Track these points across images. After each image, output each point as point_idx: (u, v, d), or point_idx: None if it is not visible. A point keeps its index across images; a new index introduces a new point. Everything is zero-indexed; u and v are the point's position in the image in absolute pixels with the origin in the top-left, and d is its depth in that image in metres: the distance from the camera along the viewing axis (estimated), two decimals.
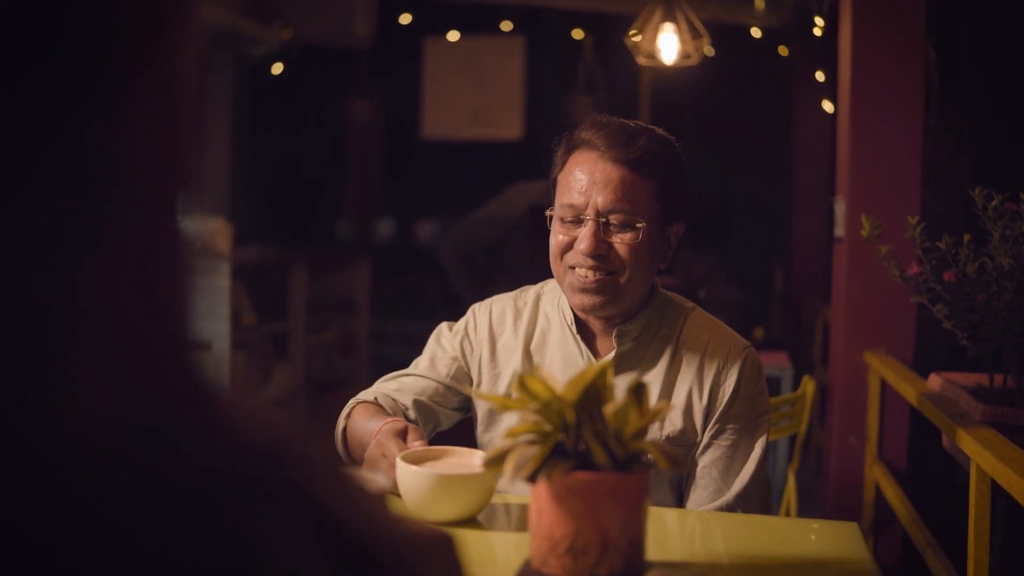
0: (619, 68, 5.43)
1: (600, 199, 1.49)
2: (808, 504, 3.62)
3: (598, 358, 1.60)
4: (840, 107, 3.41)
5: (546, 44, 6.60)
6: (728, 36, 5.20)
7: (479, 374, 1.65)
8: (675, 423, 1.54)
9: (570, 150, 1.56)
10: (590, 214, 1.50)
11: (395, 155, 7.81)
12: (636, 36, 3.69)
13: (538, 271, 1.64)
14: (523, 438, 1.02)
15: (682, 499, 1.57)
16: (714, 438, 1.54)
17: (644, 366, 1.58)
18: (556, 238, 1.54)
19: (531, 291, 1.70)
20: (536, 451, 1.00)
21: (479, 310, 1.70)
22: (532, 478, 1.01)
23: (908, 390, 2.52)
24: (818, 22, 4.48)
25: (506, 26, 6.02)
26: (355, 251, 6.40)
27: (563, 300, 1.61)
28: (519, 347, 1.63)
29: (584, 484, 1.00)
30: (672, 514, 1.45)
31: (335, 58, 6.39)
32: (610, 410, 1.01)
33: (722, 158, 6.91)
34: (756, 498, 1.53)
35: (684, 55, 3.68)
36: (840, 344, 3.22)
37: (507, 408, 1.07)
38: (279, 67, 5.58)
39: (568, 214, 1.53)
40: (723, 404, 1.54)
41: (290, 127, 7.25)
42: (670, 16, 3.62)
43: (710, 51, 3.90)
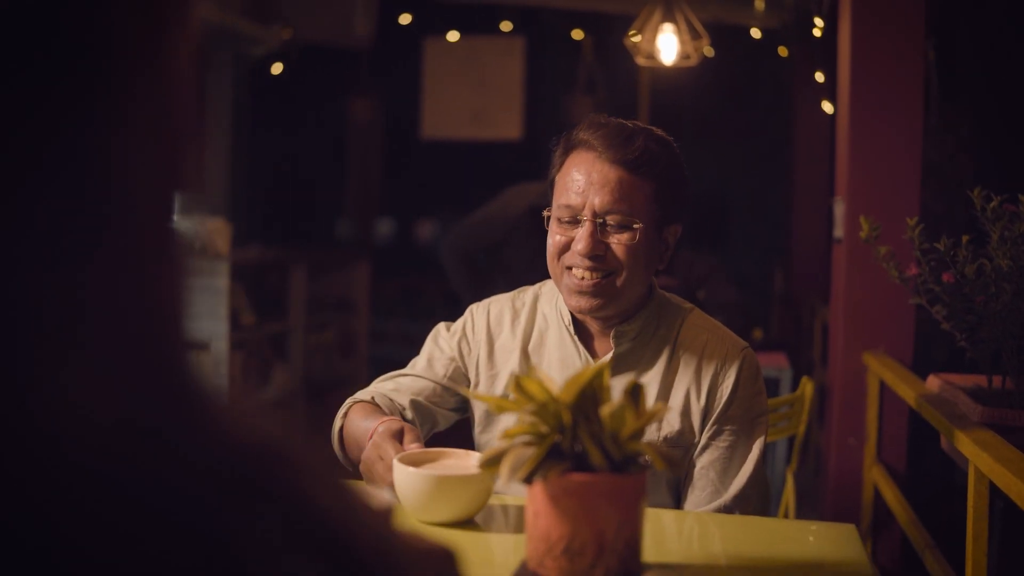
0: (619, 68, 5.43)
1: (597, 200, 1.49)
2: (807, 505, 3.62)
3: (596, 359, 1.59)
4: (839, 108, 3.41)
5: (546, 44, 6.60)
6: (728, 36, 5.20)
7: (477, 375, 1.65)
8: (673, 424, 1.54)
9: (568, 150, 1.55)
10: (587, 215, 1.50)
11: (395, 155, 7.81)
12: (636, 36, 3.69)
13: (538, 271, 1.64)
14: (519, 439, 1.02)
15: (680, 500, 1.57)
16: (712, 439, 1.53)
17: (642, 367, 1.57)
18: (553, 239, 1.54)
19: (529, 292, 1.70)
20: (532, 452, 1.00)
21: (477, 311, 1.70)
22: (528, 479, 1.00)
23: (907, 391, 2.51)
24: (818, 23, 4.48)
25: (506, 26, 6.02)
26: (355, 251, 6.40)
27: (561, 301, 1.61)
28: (517, 348, 1.63)
29: (580, 485, 1.00)
30: (670, 515, 1.45)
31: (335, 58, 6.39)
32: (607, 411, 1.01)
33: (722, 159, 6.91)
34: (754, 499, 1.53)
35: (683, 56, 3.68)
36: (839, 345, 3.22)
37: (503, 409, 1.07)
38: (279, 67, 5.58)
39: (565, 215, 1.52)
40: (721, 405, 1.53)
41: (290, 127, 7.25)
42: (669, 17, 3.62)
43: (710, 52, 3.90)
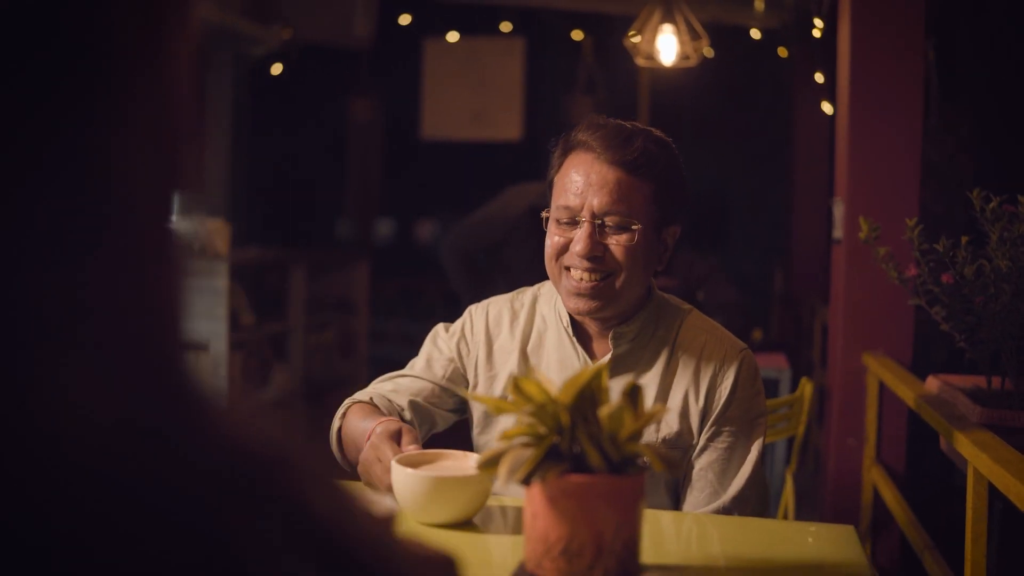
0: (619, 69, 5.43)
1: (596, 201, 1.49)
2: (806, 506, 3.62)
3: (594, 360, 1.59)
4: (839, 108, 3.41)
5: (546, 45, 6.60)
6: (728, 37, 5.20)
7: (475, 376, 1.65)
8: (671, 425, 1.54)
9: (566, 151, 1.55)
10: (586, 216, 1.49)
11: (395, 155, 7.82)
12: (635, 37, 3.68)
13: (537, 272, 1.64)
14: (518, 440, 1.02)
15: (678, 501, 1.57)
16: (710, 440, 1.53)
17: (640, 368, 1.57)
18: (552, 239, 1.54)
19: (528, 292, 1.70)
20: (531, 454, 1.00)
21: (476, 311, 1.69)
22: (527, 481, 1.00)
23: (906, 392, 2.51)
24: (817, 23, 4.48)
25: (506, 27, 6.02)
26: (355, 251, 6.40)
27: (559, 302, 1.60)
28: (516, 349, 1.63)
29: (578, 487, 0.99)
30: (668, 517, 1.45)
31: (335, 58, 6.40)
32: (605, 412, 1.01)
33: (722, 159, 6.91)
34: (753, 500, 1.53)
35: (683, 56, 3.68)
36: (838, 346, 3.22)
37: (501, 410, 1.07)
38: (279, 67, 5.59)
39: (564, 215, 1.52)
40: (719, 406, 1.53)
41: (290, 127, 7.26)
42: (669, 17, 3.62)
43: (709, 52, 3.90)
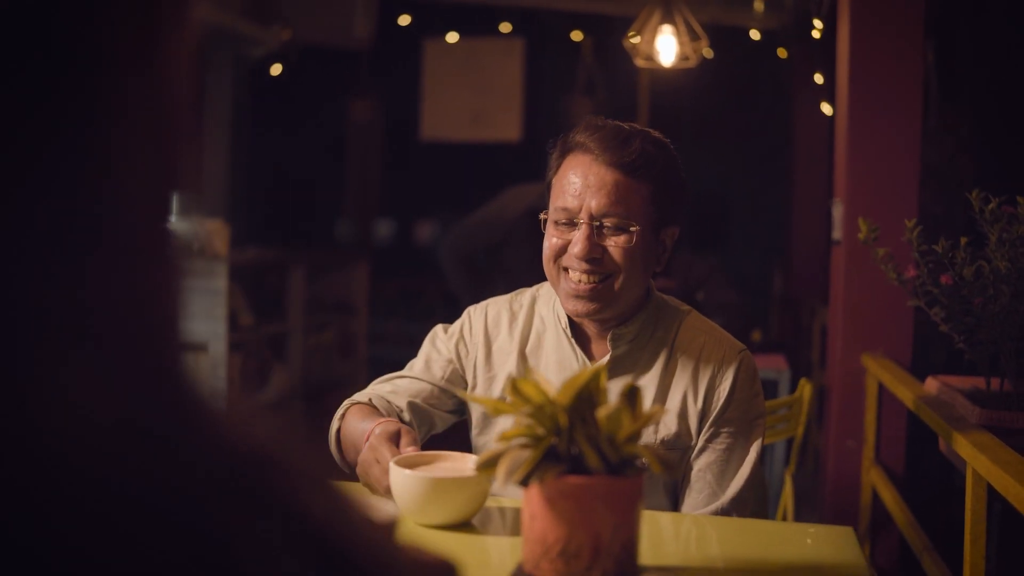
0: (618, 70, 5.43)
1: (594, 203, 1.49)
2: (805, 507, 3.62)
3: (593, 361, 1.59)
4: (838, 109, 3.41)
5: (545, 46, 6.61)
6: (727, 38, 5.21)
7: (474, 377, 1.65)
8: (670, 427, 1.54)
9: (564, 153, 1.55)
10: (584, 217, 1.49)
11: (394, 156, 7.82)
12: (635, 38, 3.68)
13: (537, 273, 1.64)
14: (516, 442, 1.02)
15: (677, 503, 1.56)
16: (709, 442, 1.53)
17: (639, 369, 1.57)
18: (550, 241, 1.54)
19: (527, 294, 1.70)
20: (529, 455, 1.00)
21: (474, 312, 1.69)
22: (524, 482, 1.00)
23: (905, 393, 2.51)
24: (817, 24, 4.48)
25: (505, 28, 6.03)
26: (354, 252, 6.40)
27: (558, 303, 1.60)
28: (514, 350, 1.63)
29: (576, 488, 0.99)
30: (667, 518, 1.44)
31: (334, 59, 6.40)
32: (603, 414, 1.01)
33: (721, 160, 6.92)
34: (751, 502, 1.53)
35: (682, 57, 3.68)
36: (838, 347, 3.22)
37: (499, 412, 1.07)
38: (278, 68, 5.59)
39: (562, 217, 1.52)
40: (718, 408, 1.53)
41: (289, 128, 7.26)
42: (668, 18, 3.62)
43: (709, 53, 3.90)
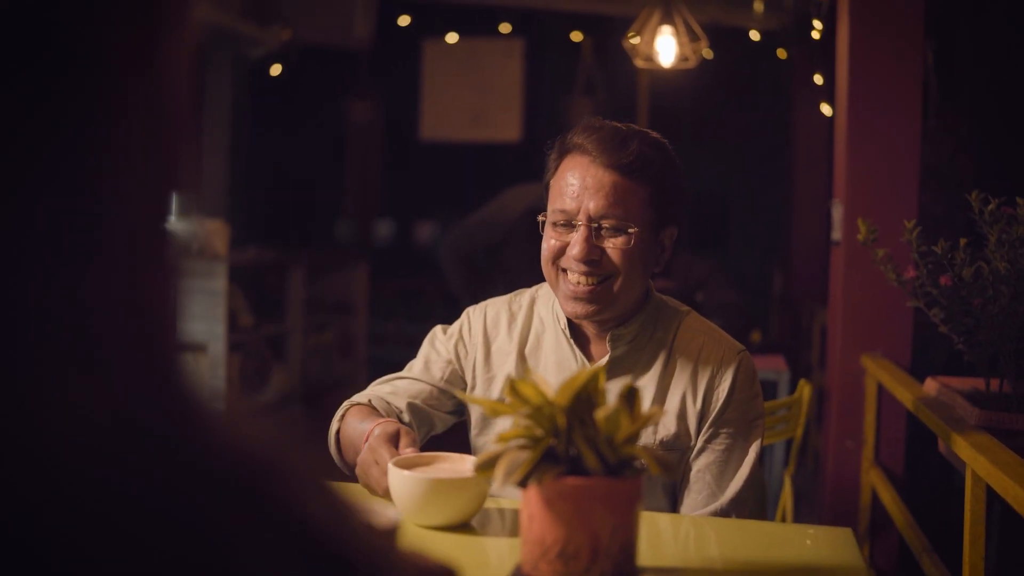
0: (618, 70, 5.44)
1: (592, 204, 1.49)
2: (804, 508, 3.62)
3: (592, 362, 1.59)
4: (838, 110, 3.41)
5: (545, 46, 6.61)
6: (727, 39, 5.21)
7: (473, 377, 1.65)
8: (669, 427, 1.54)
9: (562, 154, 1.55)
10: (582, 219, 1.49)
11: (394, 156, 7.82)
12: (634, 38, 3.68)
13: (537, 273, 1.64)
14: (514, 443, 1.02)
15: (676, 504, 1.56)
16: (708, 442, 1.53)
17: (638, 370, 1.57)
18: (548, 243, 1.54)
19: (526, 294, 1.70)
20: (527, 456, 1.00)
21: (473, 313, 1.69)
22: (523, 483, 1.00)
23: (904, 394, 2.51)
24: (816, 25, 4.49)
25: (505, 28, 6.02)
26: (354, 252, 6.40)
27: (557, 304, 1.60)
28: (513, 351, 1.63)
29: (575, 489, 0.99)
30: (666, 519, 1.44)
31: (334, 59, 6.40)
32: (602, 415, 1.01)
33: (721, 160, 6.92)
34: (750, 502, 1.53)
35: (682, 58, 3.68)
36: (837, 348, 3.22)
37: (498, 413, 1.07)
38: (278, 68, 5.59)
39: (560, 219, 1.52)
40: (717, 408, 1.53)
41: (289, 128, 7.26)
42: (668, 19, 3.62)
43: (708, 54, 3.90)
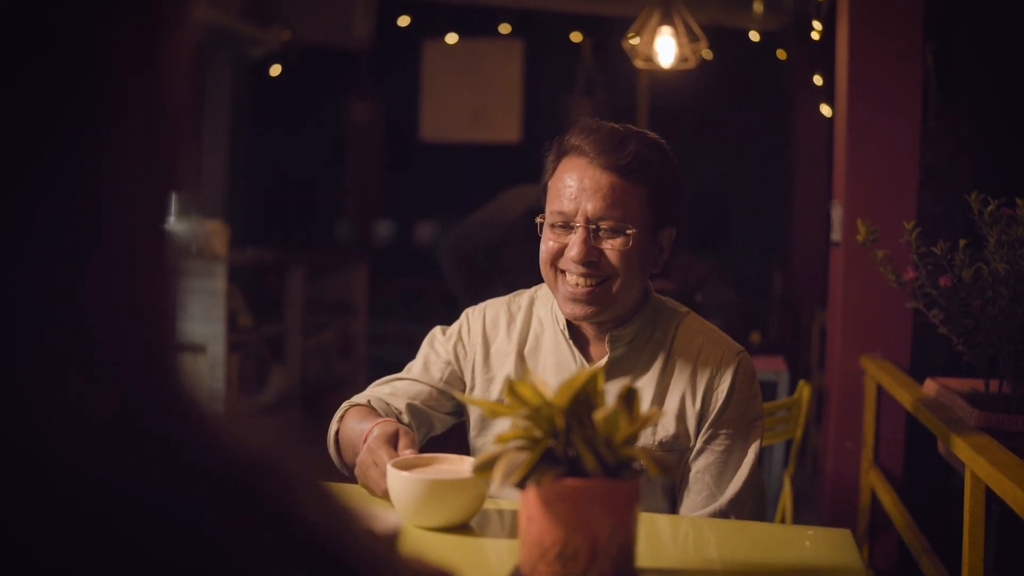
0: (618, 71, 5.44)
1: (590, 206, 1.48)
2: (804, 509, 3.62)
3: (591, 363, 1.59)
4: (837, 110, 3.41)
5: (545, 47, 6.61)
6: (727, 39, 5.21)
7: (472, 378, 1.64)
8: (668, 428, 1.53)
9: (560, 156, 1.55)
10: (580, 221, 1.49)
11: (394, 157, 7.82)
12: (634, 39, 3.68)
13: (536, 274, 1.64)
14: (513, 444, 1.02)
15: (675, 505, 1.56)
16: (707, 443, 1.53)
17: (637, 371, 1.57)
18: (547, 244, 1.54)
19: (525, 295, 1.70)
20: (526, 457, 0.99)
21: (472, 314, 1.69)
22: (521, 484, 1.00)
23: (904, 395, 2.51)
24: (816, 25, 4.49)
25: (504, 29, 6.02)
26: (353, 252, 6.40)
27: (556, 305, 1.60)
28: (513, 352, 1.63)
29: (573, 490, 0.99)
30: (665, 520, 1.44)
31: (334, 60, 6.40)
32: (600, 416, 1.01)
33: (721, 161, 6.92)
34: (749, 503, 1.53)
35: (681, 58, 3.67)
36: (836, 348, 3.22)
37: (496, 414, 1.07)
38: (278, 68, 5.59)
39: (558, 220, 1.52)
40: (716, 409, 1.53)
41: (289, 128, 7.26)
42: (667, 19, 3.61)
43: (708, 54, 3.89)
